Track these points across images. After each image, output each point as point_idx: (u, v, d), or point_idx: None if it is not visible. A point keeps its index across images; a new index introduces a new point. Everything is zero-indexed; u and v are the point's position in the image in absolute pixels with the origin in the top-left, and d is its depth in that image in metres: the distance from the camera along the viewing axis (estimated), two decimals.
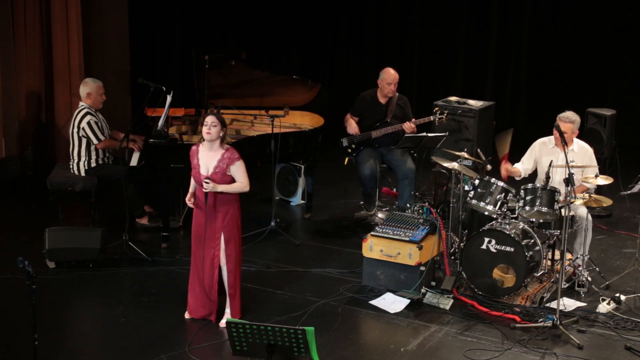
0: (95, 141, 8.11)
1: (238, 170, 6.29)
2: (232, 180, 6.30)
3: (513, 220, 7.16)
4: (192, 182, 6.42)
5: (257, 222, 8.33)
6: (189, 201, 6.39)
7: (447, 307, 6.83)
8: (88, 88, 8.22)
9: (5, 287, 7.04)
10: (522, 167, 7.64)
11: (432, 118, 8.39)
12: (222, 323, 6.42)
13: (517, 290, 6.95)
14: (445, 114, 8.37)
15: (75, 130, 8.12)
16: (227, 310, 6.51)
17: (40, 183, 8.60)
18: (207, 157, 6.29)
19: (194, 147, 6.38)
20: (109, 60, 10.64)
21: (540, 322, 6.52)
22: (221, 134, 6.27)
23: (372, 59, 12.59)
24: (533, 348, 6.24)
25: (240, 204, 6.45)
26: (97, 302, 6.99)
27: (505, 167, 7.48)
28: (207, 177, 6.19)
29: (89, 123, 8.08)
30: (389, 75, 8.44)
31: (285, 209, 9.17)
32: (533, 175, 7.70)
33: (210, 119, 6.23)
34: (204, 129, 6.23)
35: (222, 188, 6.23)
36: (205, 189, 6.21)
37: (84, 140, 8.12)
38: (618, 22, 11.49)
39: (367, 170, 8.44)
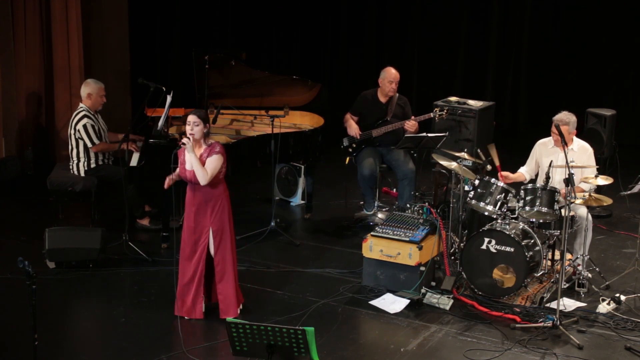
0: (89, 144, 8.10)
1: (211, 162, 6.29)
2: None
3: (513, 220, 7.16)
4: (177, 172, 6.47)
5: (257, 222, 8.33)
6: (169, 180, 6.43)
7: (447, 307, 6.83)
8: (89, 89, 8.21)
9: (5, 287, 7.03)
10: (526, 170, 7.63)
11: (432, 115, 8.40)
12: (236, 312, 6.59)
13: (517, 290, 6.95)
14: (445, 111, 8.39)
15: (73, 132, 8.11)
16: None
17: (40, 183, 8.59)
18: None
19: (182, 148, 6.42)
20: (109, 60, 10.65)
21: (540, 322, 6.51)
22: (205, 131, 6.31)
23: (372, 59, 12.59)
24: (533, 348, 6.24)
25: (238, 203, 6.50)
26: (97, 302, 6.99)
27: (503, 178, 7.42)
28: (188, 137, 6.23)
29: (84, 126, 8.06)
30: (390, 74, 8.46)
31: (285, 209, 9.17)
32: (535, 176, 7.70)
33: (192, 118, 6.27)
34: (188, 129, 6.28)
35: (193, 155, 6.22)
36: (184, 142, 6.24)
37: (81, 142, 8.11)
38: (618, 22, 11.49)
39: (366, 171, 8.44)
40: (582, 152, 7.40)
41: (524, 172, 7.64)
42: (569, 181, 6.50)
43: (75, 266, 7.41)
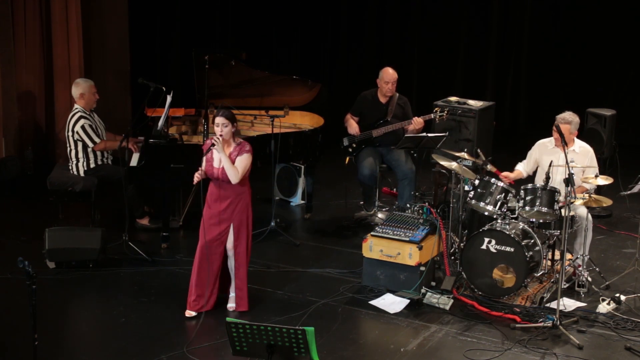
0: (90, 144, 8.10)
1: (241, 161, 6.43)
2: None
3: (513, 220, 7.16)
4: (203, 169, 6.48)
5: (257, 222, 8.30)
6: (197, 176, 6.45)
7: (447, 307, 6.83)
8: (80, 89, 8.21)
9: (5, 287, 7.03)
10: (523, 168, 7.66)
11: (432, 116, 8.40)
12: (231, 307, 6.67)
13: (517, 290, 6.95)
14: (445, 112, 8.39)
15: (70, 133, 8.11)
16: (232, 303, 6.67)
17: (40, 183, 8.59)
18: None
19: (208, 141, 6.49)
20: (109, 60, 10.65)
21: (540, 322, 6.51)
22: (233, 130, 6.42)
23: (372, 59, 12.59)
24: (533, 348, 6.23)
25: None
26: (97, 302, 6.99)
27: (505, 178, 7.46)
28: (217, 137, 6.31)
29: (82, 127, 8.06)
30: (387, 75, 8.46)
31: (285, 209, 9.17)
32: (533, 175, 7.70)
33: (220, 120, 6.36)
34: (217, 130, 6.36)
35: (224, 155, 6.35)
36: (215, 142, 6.32)
37: (79, 143, 8.11)
38: (618, 22, 11.49)
39: (366, 171, 8.45)
40: (583, 154, 7.40)
41: (521, 170, 7.65)
42: (569, 181, 6.50)
43: (75, 266, 7.40)
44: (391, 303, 6.89)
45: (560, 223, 6.93)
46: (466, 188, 7.39)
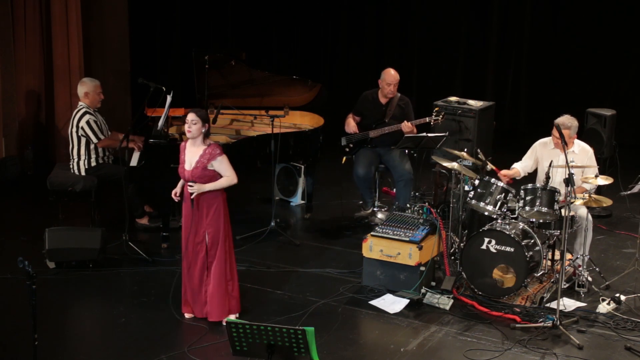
0: (94, 140, 8.11)
1: (222, 165, 6.30)
2: (215, 176, 6.31)
3: (513, 220, 7.16)
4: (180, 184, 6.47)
5: (257, 222, 8.33)
6: (174, 196, 6.43)
7: (447, 307, 6.83)
8: (86, 87, 8.22)
9: (5, 287, 7.04)
10: (521, 166, 7.64)
11: (427, 119, 8.35)
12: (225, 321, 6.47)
13: (517, 290, 6.95)
14: (441, 116, 8.32)
15: (74, 129, 8.12)
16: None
17: (40, 183, 8.59)
18: (191, 153, 6.33)
19: (183, 143, 6.44)
20: (109, 60, 10.65)
21: (540, 322, 6.52)
22: (203, 130, 6.28)
23: (372, 58, 12.60)
24: (533, 348, 6.24)
25: (238, 203, 6.49)
26: (97, 302, 6.99)
27: (503, 176, 7.47)
28: (190, 181, 6.24)
29: (88, 122, 8.08)
30: (389, 76, 8.44)
31: (285, 209, 9.17)
32: (533, 175, 7.70)
33: (190, 117, 6.26)
34: (186, 127, 6.27)
35: (208, 187, 6.26)
36: (191, 191, 6.25)
37: (83, 140, 8.12)
38: (618, 22, 11.49)
39: (360, 171, 8.46)
40: (582, 154, 7.39)
41: (519, 168, 7.63)
42: (569, 182, 6.50)
43: (75, 266, 7.41)
44: (391, 303, 6.89)
45: (560, 223, 6.93)
46: (466, 188, 7.39)
